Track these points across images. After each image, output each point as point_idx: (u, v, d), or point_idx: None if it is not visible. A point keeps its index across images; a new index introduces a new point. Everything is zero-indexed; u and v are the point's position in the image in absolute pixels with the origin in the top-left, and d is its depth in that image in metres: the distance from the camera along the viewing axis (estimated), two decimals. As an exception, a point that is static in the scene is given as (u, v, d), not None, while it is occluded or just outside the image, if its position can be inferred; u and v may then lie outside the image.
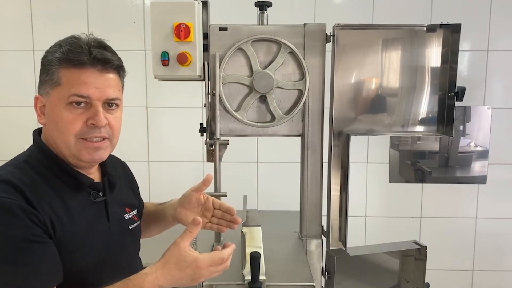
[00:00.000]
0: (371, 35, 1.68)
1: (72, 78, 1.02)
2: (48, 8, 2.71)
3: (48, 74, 1.04)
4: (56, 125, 1.04)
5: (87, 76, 1.03)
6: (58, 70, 1.03)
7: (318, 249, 1.76)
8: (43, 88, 1.06)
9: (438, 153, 2.54)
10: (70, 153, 1.07)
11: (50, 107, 1.05)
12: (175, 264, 1.02)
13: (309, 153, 1.72)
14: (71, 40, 1.06)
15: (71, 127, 1.03)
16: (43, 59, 1.07)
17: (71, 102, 1.03)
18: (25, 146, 1.17)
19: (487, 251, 2.88)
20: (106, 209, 1.15)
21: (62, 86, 1.03)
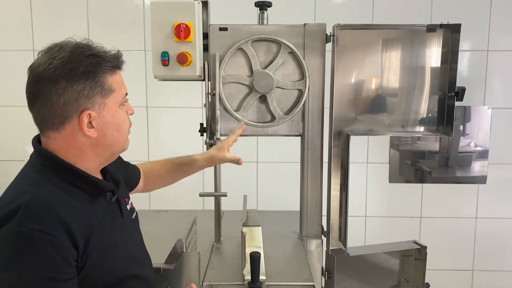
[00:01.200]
0: (371, 35, 1.68)
1: (119, 82, 1.10)
2: (48, 8, 2.71)
3: (97, 86, 1.04)
4: (118, 128, 1.10)
5: (121, 77, 1.12)
6: (107, 79, 1.06)
7: (318, 249, 1.76)
8: (93, 101, 1.04)
9: (438, 153, 2.54)
10: (122, 149, 1.15)
11: (110, 115, 1.07)
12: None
13: (309, 153, 1.72)
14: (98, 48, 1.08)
15: (127, 123, 1.14)
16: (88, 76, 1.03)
17: (123, 102, 1.12)
18: (25, 146, 1.17)
19: (487, 251, 2.88)
20: (119, 206, 1.20)
21: (116, 91, 1.08)
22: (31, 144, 1.12)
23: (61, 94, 1.00)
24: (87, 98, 1.02)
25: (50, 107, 1.01)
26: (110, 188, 1.16)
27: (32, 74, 1.03)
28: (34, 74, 1.03)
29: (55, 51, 1.04)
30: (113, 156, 1.16)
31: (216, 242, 1.76)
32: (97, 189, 1.11)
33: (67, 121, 1.02)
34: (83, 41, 1.08)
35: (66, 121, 1.02)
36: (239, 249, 1.54)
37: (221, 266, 1.56)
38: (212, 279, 1.44)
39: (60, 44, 1.06)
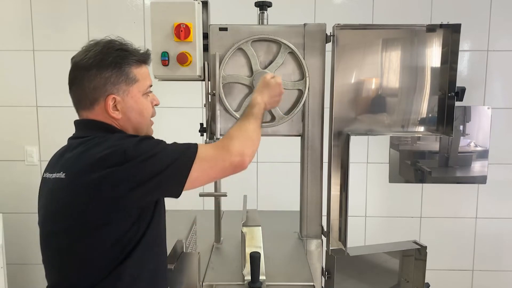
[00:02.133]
0: (371, 35, 1.68)
1: (145, 74, 1.28)
2: (48, 8, 2.72)
3: (123, 75, 1.22)
4: (140, 113, 1.27)
5: (147, 70, 1.30)
6: (132, 70, 1.23)
7: (318, 249, 1.76)
8: (118, 88, 1.22)
9: (438, 153, 2.54)
10: (146, 132, 1.32)
11: (133, 101, 1.25)
12: (267, 86, 1.47)
13: (309, 153, 1.72)
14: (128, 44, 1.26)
15: (150, 111, 1.31)
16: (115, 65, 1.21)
17: (147, 92, 1.28)
18: (25, 146, 1.18)
19: (487, 251, 2.88)
20: None
21: (140, 81, 1.25)
22: (31, 144, 1.15)
23: (92, 80, 1.20)
24: (113, 84, 1.21)
25: (83, 90, 1.21)
26: None
27: (72, 63, 1.23)
28: (73, 63, 1.23)
29: (92, 45, 1.23)
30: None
31: (216, 242, 1.76)
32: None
33: (96, 102, 1.21)
34: (117, 38, 1.26)
35: (95, 102, 1.21)
36: (239, 249, 1.54)
37: (221, 266, 1.56)
38: (212, 279, 1.44)
39: (97, 40, 1.24)
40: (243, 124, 1.33)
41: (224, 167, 1.21)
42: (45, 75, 2.74)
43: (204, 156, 1.18)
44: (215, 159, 1.20)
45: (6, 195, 2.81)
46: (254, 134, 1.32)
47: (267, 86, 1.46)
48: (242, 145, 1.24)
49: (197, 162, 1.16)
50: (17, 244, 2.86)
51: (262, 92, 1.45)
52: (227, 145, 1.23)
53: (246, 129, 1.31)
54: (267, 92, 1.45)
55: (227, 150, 1.22)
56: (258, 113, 1.39)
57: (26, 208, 2.78)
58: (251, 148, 1.26)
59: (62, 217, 1.15)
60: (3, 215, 2.46)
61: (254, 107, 1.40)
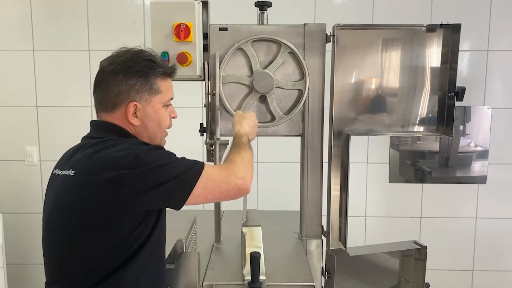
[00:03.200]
0: (371, 35, 1.68)
1: (168, 86, 1.31)
2: (48, 8, 2.72)
3: (147, 85, 1.25)
4: (158, 123, 1.30)
5: (171, 84, 1.34)
6: (157, 81, 1.27)
7: (318, 249, 1.76)
8: (140, 96, 1.25)
9: (438, 153, 2.54)
10: (158, 143, 1.32)
11: (152, 110, 1.27)
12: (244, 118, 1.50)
13: (309, 153, 1.72)
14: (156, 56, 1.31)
15: (167, 122, 1.33)
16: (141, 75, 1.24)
17: (167, 104, 1.32)
18: (25, 146, 1.18)
19: (487, 251, 2.88)
20: None
21: (162, 93, 1.28)
22: (31, 144, 1.16)
23: (117, 85, 1.23)
24: (136, 92, 1.24)
25: (107, 94, 1.24)
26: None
27: (100, 66, 1.27)
28: (101, 67, 1.27)
29: (122, 52, 1.27)
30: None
31: (216, 242, 1.76)
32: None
33: (117, 107, 1.24)
34: (147, 49, 1.30)
35: (117, 107, 1.24)
36: (239, 249, 1.54)
37: (221, 266, 1.56)
38: (212, 279, 1.44)
39: (128, 48, 1.28)
40: (240, 151, 1.36)
41: (228, 188, 1.24)
42: (45, 75, 2.74)
43: (211, 175, 1.21)
44: (221, 180, 1.23)
45: (6, 195, 2.81)
46: (251, 161, 1.35)
47: (244, 118, 1.50)
48: (244, 170, 1.28)
49: (203, 179, 1.19)
50: (17, 244, 2.86)
51: (242, 125, 1.48)
52: (233, 169, 1.27)
53: (245, 156, 1.34)
54: (245, 123, 1.48)
55: (233, 173, 1.25)
56: (246, 142, 1.42)
57: (26, 208, 2.78)
58: (251, 174, 1.30)
59: (67, 214, 1.16)
60: (3, 215, 2.46)
61: (241, 137, 1.43)
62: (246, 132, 1.46)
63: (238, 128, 1.47)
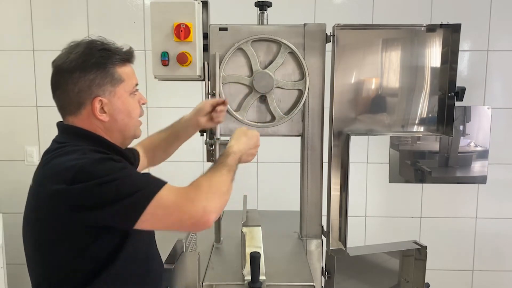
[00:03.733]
0: (371, 35, 1.68)
1: (129, 73, 1.23)
2: (48, 8, 2.71)
3: (108, 76, 1.17)
4: (128, 114, 1.22)
5: (132, 69, 1.26)
6: (117, 70, 1.19)
7: (318, 249, 1.76)
8: (103, 89, 1.17)
9: (438, 153, 2.55)
10: (132, 134, 1.27)
11: (119, 102, 1.20)
12: (245, 135, 1.38)
13: (309, 153, 1.72)
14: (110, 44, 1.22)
15: (137, 111, 1.25)
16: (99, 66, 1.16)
17: (133, 92, 1.24)
18: (25, 146, 1.18)
19: (487, 251, 2.88)
20: None
21: (125, 81, 1.21)
22: (31, 144, 1.15)
23: (76, 83, 1.15)
24: (98, 86, 1.16)
25: (67, 95, 1.16)
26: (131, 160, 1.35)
27: (53, 67, 1.19)
28: (54, 67, 1.18)
29: (73, 47, 1.18)
30: (126, 141, 1.28)
31: (216, 242, 1.76)
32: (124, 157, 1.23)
33: (82, 106, 1.17)
34: (98, 38, 1.21)
35: (82, 106, 1.17)
36: (239, 249, 1.54)
37: (221, 266, 1.56)
38: (212, 279, 1.44)
39: (77, 41, 1.20)
40: (214, 174, 1.20)
41: (181, 219, 1.07)
42: (45, 75, 2.70)
43: (164, 201, 1.06)
44: (174, 208, 1.07)
45: (6, 195, 2.80)
46: (224, 187, 1.17)
47: (245, 135, 1.38)
48: (208, 199, 1.09)
49: (152, 205, 1.04)
50: (17, 244, 2.83)
51: (239, 141, 1.35)
52: (192, 196, 1.09)
53: (217, 181, 1.17)
54: (244, 141, 1.36)
55: (191, 202, 1.08)
56: (232, 163, 1.26)
57: (26, 208, 2.78)
58: (218, 203, 1.12)
59: (28, 225, 1.14)
60: (3, 215, 2.46)
61: (228, 156, 1.28)
62: (240, 151, 1.32)
63: (232, 143, 1.34)
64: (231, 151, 1.30)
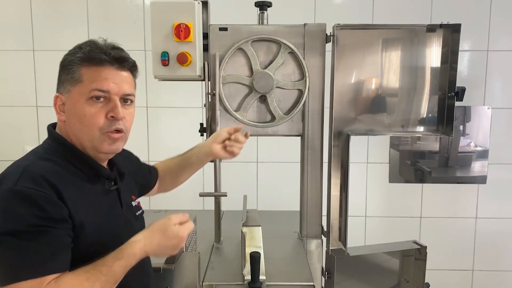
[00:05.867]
0: (371, 35, 1.68)
1: (93, 75, 1.10)
2: (48, 8, 2.71)
3: (69, 73, 1.11)
4: (79, 120, 1.11)
5: (107, 73, 1.11)
6: (79, 68, 1.11)
7: (318, 249, 1.76)
8: (64, 87, 1.13)
9: (438, 153, 2.54)
10: (92, 145, 1.13)
11: (72, 103, 1.11)
12: (163, 234, 1.11)
13: (309, 153, 1.72)
14: (90, 42, 1.15)
15: (94, 120, 1.10)
16: (64, 61, 1.14)
17: (91, 96, 1.10)
18: (25, 146, 1.18)
19: (487, 251, 2.87)
20: (119, 197, 1.23)
21: (84, 83, 1.10)
22: (31, 144, 1.15)
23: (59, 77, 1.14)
24: (61, 83, 1.13)
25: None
26: (108, 175, 1.20)
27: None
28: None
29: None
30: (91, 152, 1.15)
31: (216, 242, 1.76)
32: (94, 171, 1.16)
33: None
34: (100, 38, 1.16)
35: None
36: (239, 249, 1.54)
37: (221, 266, 1.56)
38: (212, 279, 1.44)
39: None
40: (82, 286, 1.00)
41: None
42: (45, 75, 2.74)
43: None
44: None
45: (6, 195, 2.80)
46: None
47: (163, 232, 1.10)
48: None
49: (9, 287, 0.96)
50: (17, 244, 2.86)
51: (151, 239, 1.09)
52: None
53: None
54: (157, 240, 1.09)
55: None
56: (119, 271, 1.04)
57: (26, 208, 2.77)
58: None
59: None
60: None
61: (121, 258, 1.04)
62: (146, 251, 1.08)
63: (139, 239, 1.08)
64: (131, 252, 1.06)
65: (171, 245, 1.11)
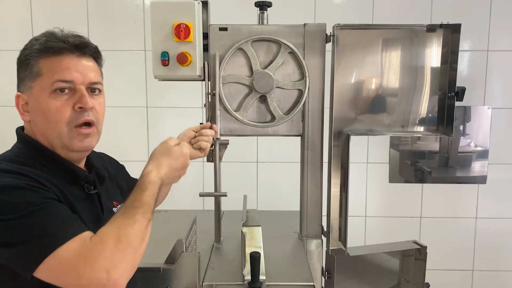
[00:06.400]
0: (371, 35, 1.68)
1: (53, 66, 1.03)
2: (48, 9, 2.71)
3: (28, 69, 1.04)
4: (44, 116, 1.03)
5: (68, 62, 1.04)
6: (38, 61, 1.03)
7: (318, 249, 1.76)
8: (24, 84, 1.06)
9: (438, 153, 2.54)
10: (61, 143, 1.06)
11: (34, 100, 1.04)
12: (168, 156, 1.11)
13: (309, 153, 1.72)
14: (46, 33, 1.08)
15: (60, 114, 1.03)
16: (20, 57, 1.07)
17: (55, 89, 1.02)
18: (25, 146, 1.16)
19: (487, 251, 2.88)
20: (99, 201, 1.16)
21: (44, 76, 1.03)
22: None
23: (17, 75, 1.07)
24: (20, 80, 1.06)
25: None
26: (87, 177, 1.13)
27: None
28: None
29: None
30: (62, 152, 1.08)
31: (216, 242, 1.76)
32: (70, 173, 1.08)
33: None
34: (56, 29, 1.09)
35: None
36: (239, 249, 1.54)
37: (221, 266, 1.56)
38: (212, 279, 1.44)
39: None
40: (123, 223, 0.95)
41: (80, 283, 0.88)
42: (45, 75, 2.74)
43: (61, 257, 0.88)
44: (69, 269, 0.88)
45: (6, 195, 2.80)
46: (137, 239, 0.94)
47: (168, 154, 1.11)
48: (113, 260, 0.88)
49: (51, 258, 0.87)
50: (17, 244, 2.86)
51: (160, 163, 1.09)
52: (93, 257, 0.88)
53: (127, 233, 0.93)
54: (167, 163, 1.10)
55: (90, 265, 0.87)
56: (149, 201, 1.02)
57: (26, 208, 2.77)
58: (128, 263, 0.91)
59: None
60: (3, 215, 2.46)
61: (145, 190, 1.02)
62: (161, 178, 1.07)
63: (150, 168, 1.07)
64: (149, 181, 1.04)
65: (180, 164, 1.12)
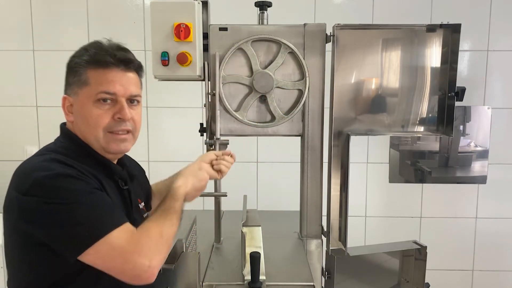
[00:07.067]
0: (371, 35, 1.68)
1: (100, 78, 1.13)
2: (48, 8, 2.71)
3: (76, 76, 1.14)
4: (86, 121, 1.14)
5: (113, 76, 1.14)
6: (86, 71, 1.13)
7: (318, 249, 1.76)
8: (71, 88, 1.16)
9: (438, 153, 2.54)
10: (99, 146, 1.17)
11: (79, 105, 1.15)
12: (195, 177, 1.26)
13: (309, 153, 1.72)
14: (96, 44, 1.17)
15: (100, 121, 1.14)
16: (70, 63, 1.17)
17: (99, 99, 1.13)
18: (25, 146, 1.18)
19: (487, 251, 2.88)
20: (130, 197, 1.25)
21: (91, 85, 1.13)
22: (31, 144, 1.16)
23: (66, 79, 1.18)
24: (69, 85, 1.17)
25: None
26: (120, 173, 1.24)
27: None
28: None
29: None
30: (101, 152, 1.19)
31: (216, 242, 1.76)
32: (107, 168, 1.19)
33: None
34: (105, 39, 1.19)
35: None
36: (239, 249, 1.54)
37: (221, 266, 1.56)
38: (212, 279, 1.44)
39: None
40: (165, 222, 1.11)
41: (124, 268, 1.01)
42: (45, 75, 2.74)
43: (112, 242, 1.00)
44: (119, 253, 1.01)
45: (6, 195, 2.81)
46: (171, 239, 1.12)
47: (195, 176, 1.26)
48: (155, 252, 1.04)
49: (100, 243, 0.99)
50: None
51: (187, 182, 1.23)
52: (141, 246, 1.02)
53: (168, 231, 1.10)
54: (192, 183, 1.25)
55: (138, 252, 1.01)
56: (180, 209, 1.18)
57: (26, 208, 2.77)
58: (164, 257, 1.08)
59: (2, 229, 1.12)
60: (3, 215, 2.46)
61: (178, 200, 1.18)
62: (186, 193, 1.22)
63: (181, 183, 1.22)
64: (180, 194, 1.20)
65: (200, 186, 1.27)
